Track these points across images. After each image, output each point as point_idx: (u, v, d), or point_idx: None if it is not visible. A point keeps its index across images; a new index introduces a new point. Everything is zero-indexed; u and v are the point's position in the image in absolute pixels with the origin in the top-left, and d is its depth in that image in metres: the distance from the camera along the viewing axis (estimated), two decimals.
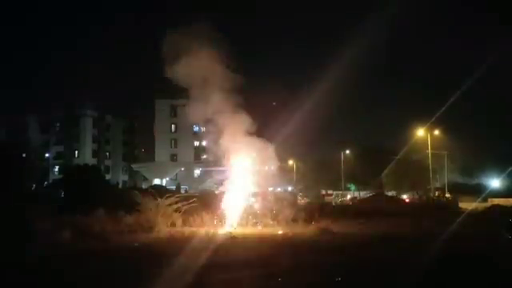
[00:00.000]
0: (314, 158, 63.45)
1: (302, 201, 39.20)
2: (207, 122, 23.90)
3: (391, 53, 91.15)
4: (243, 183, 23.50)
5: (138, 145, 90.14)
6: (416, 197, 48.45)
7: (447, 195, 46.11)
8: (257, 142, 22.94)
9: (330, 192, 58.33)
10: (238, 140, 22.66)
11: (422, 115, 50.29)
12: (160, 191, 23.46)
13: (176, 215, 20.84)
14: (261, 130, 24.17)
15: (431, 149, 46.53)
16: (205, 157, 71.49)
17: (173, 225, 20.14)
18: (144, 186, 57.15)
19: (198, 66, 21.20)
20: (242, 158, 23.25)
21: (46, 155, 79.55)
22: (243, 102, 22.48)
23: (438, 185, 52.45)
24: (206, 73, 21.62)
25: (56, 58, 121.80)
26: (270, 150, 23.39)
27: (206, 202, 23.49)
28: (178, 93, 23.13)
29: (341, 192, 58.76)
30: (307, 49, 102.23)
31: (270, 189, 31.24)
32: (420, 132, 47.33)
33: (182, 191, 44.67)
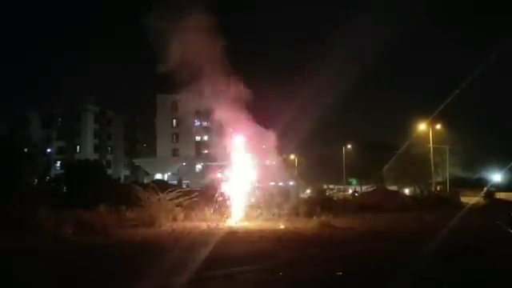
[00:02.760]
0: (316, 153, 63.49)
1: (305, 195, 39.13)
2: (206, 113, 23.88)
3: (393, 47, 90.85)
4: (245, 177, 23.53)
5: (140, 140, 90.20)
6: (417, 191, 48.46)
7: (485, 189, 45.16)
8: (259, 134, 22.97)
9: (331, 187, 58.43)
10: (239, 132, 22.71)
11: (424, 109, 50.28)
12: (162, 186, 23.44)
13: (178, 210, 20.88)
14: (262, 125, 24.20)
15: (433, 143, 46.45)
16: (206, 151, 71.56)
17: (174, 219, 20.18)
18: (146, 180, 57.28)
19: (194, 52, 21.10)
20: (243, 151, 23.28)
21: (48, 150, 79.65)
22: (244, 95, 22.47)
23: (439, 179, 52.41)
24: (204, 60, 21.55)
25: (56, 54, 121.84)
26: (272, 141, 23.39)
27: (208, 196, 23.51)
28: (179, 87, 23.03)
29: (342, 187, 58.85)
30: (307, 44, 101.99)
31: (272, 183, 31.26)
32: (422, 126, 47.25)
33: (184, 186, 44.73)
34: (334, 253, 11.90)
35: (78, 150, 79.37)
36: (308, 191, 43.75)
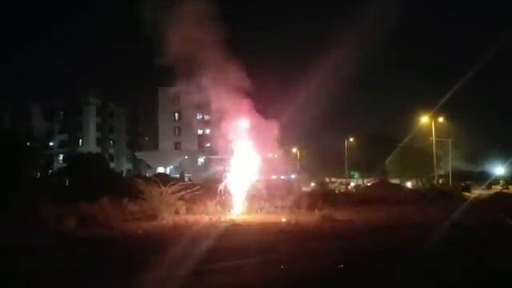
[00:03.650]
0: (318, 146, 63.43)
1: (309, 188, 39.02)
2: (208, 106, 23.79)
3: (396, 39, 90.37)
4: (247, 171, 23.53)
5: (142, 133, 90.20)
6: (420, 184, 48.37)
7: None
8: (261, 126, 22.92)
9: (333, 180, 58.40)
10: (241, 123, 22.66)
11: (427, 102, 50.13)
12: (163, 179, 23.45)
13: (180, 203, 20.90)
14: (263, 116, 24.11)
15: (436, 136, 46.35)
16: (208, 145, 71.53)
17: (176, 213, 20.21)
18: (148, 174, 57.36)
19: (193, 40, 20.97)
20: (245, 144, 23.25)
21: (51, 144, 79.84)
22: (245, 86, 22.42)
23: (442, 172, 52.35)
24: (205, 50, 21.43)
25: (57, 47, 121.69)
26: (274, 133, 23.33)
27: (210, 189, 23.53)
28: (180, 80, 22.94)
29: (344, 180, 58.78)
30: (309, 34, 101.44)
31: (274, 176, 31.23)
32: (424, 119, 47.14)
33: (186, 179, 44.77)
34: (335, 246, 11.90)
35: (80, 144, 79.47)
36: (313, 184, 43.71)
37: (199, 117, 72.91)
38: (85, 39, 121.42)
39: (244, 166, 23.45)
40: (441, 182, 47.56)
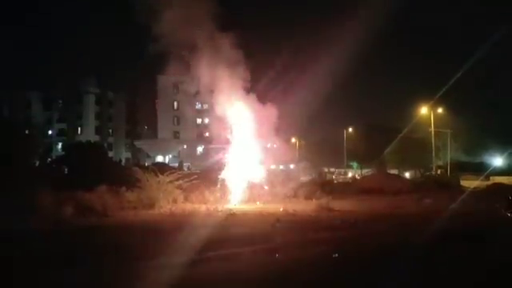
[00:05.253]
0: (317, 136, 63.40)
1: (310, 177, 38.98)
2: (206, 94, 23.72)
3: (395, 30, 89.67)
4: (245, 160, 23.54)
5: (141, 122, 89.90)
6: (418, 175, 48.47)
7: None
8: (261, 111, 22.92)
9: (332, 170, 58.49)
10: (239, 110, 22.64)
11: (426, 93, 49.90)
12: (162, 168, 23.43)
13: (177, 192, 20.90)
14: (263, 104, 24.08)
15: (434, 127, 46.28)
16: (207, 134, 71.50)
17: (174, 201, 20.22)
18: (147, 163, 57.30)
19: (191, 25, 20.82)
20: (244, 132, 23.26)
21: (49, 132, 79.71)
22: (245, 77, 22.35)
23: (440, 163, 52.38)
24: (202, 37, 21.31)
25: (56, 36, 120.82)
26: (273, 120, 23.31)
27: (209, 178, 23.55)
28: (180, 68, 22.81)
29: (343, 170, 58.91)
30: (306, 27, 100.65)
31: (273, 166, 31.25)
32: (423, 110, 47.05)
33: (185, 169, 44.79)
34: (330, 235, 11.93)
35: (79, 132, 79.33)
36: (313, 175, 43.72)
37: (198, 106, 72.86)
38: (84, 27, 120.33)
39: (243, 156, 23.45)
40: (439, 172, 47.62)
